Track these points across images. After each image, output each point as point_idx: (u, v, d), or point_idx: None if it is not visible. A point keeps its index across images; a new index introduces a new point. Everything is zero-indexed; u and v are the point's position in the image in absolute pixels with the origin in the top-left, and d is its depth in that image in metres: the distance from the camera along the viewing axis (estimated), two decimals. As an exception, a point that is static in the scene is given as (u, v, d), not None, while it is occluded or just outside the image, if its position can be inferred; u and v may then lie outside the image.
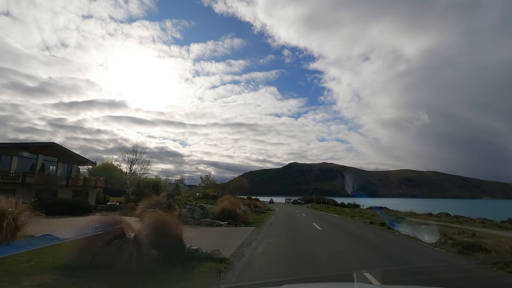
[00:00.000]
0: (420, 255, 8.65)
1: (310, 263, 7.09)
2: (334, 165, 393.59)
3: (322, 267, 6.77)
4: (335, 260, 7.56)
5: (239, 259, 7.40)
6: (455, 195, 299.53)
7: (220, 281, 5.42)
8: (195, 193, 59.97)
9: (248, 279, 5.65)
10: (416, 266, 7.10)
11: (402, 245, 10.48)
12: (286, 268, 6.62)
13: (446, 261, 7.97)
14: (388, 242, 11.26)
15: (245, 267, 6.55)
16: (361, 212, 32.68)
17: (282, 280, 5.52)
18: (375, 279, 5.29)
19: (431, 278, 5.93)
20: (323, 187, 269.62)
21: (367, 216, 24.85)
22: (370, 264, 7.01)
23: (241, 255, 8.01)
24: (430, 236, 11.18)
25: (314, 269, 6.50)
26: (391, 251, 9.23)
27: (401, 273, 6.45)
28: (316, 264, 7.06)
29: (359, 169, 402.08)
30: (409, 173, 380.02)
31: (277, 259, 7.65)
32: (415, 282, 5.67)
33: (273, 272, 6.27)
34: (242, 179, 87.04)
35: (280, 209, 38.55)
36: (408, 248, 9.94)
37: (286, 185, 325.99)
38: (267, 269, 6.51)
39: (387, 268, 6.63)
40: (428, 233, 11.59)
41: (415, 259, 8.08)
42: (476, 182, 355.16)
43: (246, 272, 6.12)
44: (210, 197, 51.66)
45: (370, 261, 7.45)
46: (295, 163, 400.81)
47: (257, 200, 60.70)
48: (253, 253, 8.28)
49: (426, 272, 6.58)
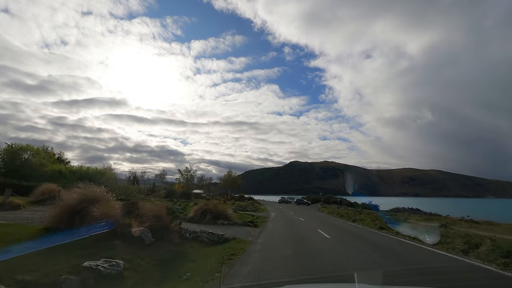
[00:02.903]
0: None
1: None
2: (335, 163, 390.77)
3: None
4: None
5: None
6: (458, 194, 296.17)
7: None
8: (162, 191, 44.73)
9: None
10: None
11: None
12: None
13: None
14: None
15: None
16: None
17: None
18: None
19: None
20: (325, 186, 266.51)
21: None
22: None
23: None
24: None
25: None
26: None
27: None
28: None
29: (361, 167, 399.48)
30: (412, 172, 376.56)
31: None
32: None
33: None
34: (234, 174, 73.17)
35: (277, 220, 21.62)
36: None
37: (287, 184, 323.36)
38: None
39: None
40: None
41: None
42: (479, 181, 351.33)
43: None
44: (179, 196, 38.62)
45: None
46: (296, 162, 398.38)
47: (250, 200, 54.22)
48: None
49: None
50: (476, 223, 21.97)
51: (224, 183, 69.32)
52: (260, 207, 40.41)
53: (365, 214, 28.22)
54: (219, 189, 71.71)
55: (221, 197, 50.60)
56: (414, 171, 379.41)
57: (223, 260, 7.15)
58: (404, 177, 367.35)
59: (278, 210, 34.96)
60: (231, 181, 68.58)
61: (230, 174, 70.89)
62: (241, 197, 60.96)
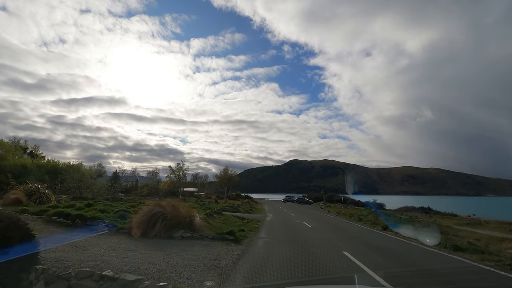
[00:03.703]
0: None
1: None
2: (335, 162, 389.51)
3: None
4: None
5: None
6: (458, 192, 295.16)
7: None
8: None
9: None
10: None
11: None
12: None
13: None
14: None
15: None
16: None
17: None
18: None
19: None
20: (324, 184, 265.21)
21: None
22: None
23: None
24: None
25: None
26: None
27: None
28: None
29: (360, 166, 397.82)
30: (412, 170, 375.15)
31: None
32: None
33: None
34: (231, 172, 67.82)
35: (273, 228, 16.36)
36: None
37: (287, 183, 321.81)
38: None
39: None
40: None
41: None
42: (480, 179, 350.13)
43: None
44: (164, 194, 34.30)
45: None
46: (296, 160, 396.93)
47: (246, 199, 50.14)
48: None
49: None
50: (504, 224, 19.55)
51: (220, 181, 65.61)
52: (256, 207, 37.32)
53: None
54: (216, 187, 68.42)
55: (215, 196, 47.85)
56: (414, 170, 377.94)
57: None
58: (404, 175, 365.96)
59: (277, 211, 31.11)
60: (227, 179, 64.56)
61: (226, 171, 66.86)
62: (237, 195, 58.04)
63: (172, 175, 51.11)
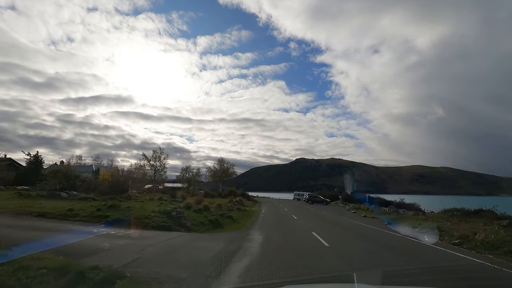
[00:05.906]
0: None
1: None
2: (342, 160, 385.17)
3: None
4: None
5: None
6: (469, 192, 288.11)
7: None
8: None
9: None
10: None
11: None
12: None
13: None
14: None
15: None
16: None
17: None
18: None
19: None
20: (331, 183, 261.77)
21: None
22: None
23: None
24: None
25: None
26: None
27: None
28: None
29: (368, 165, 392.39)
30: (421, 169, 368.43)
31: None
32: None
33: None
34: (228, 166, 57.78)
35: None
36: None
37: (294, 181, 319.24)
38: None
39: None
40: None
41: None
42: (491, 178, 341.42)
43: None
44: (116, 192, 21.99)
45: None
46: (302, 159, 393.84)
47: (238, 197, 37.14)
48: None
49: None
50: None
51: (213, 175, 55.43)
52: (250, 210, 27.43)
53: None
54: (213, 184, 58.19)
55: (200, 194, 37.35)
56: (423, 168, 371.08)
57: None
58: (413, 174, 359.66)
59: (276, 218, 20.96)
60: (221, 172, 54.71)
61: (222, 162, 57.20)
62: (231, 192, 47.56)
63: (148, 166, 41.16)
